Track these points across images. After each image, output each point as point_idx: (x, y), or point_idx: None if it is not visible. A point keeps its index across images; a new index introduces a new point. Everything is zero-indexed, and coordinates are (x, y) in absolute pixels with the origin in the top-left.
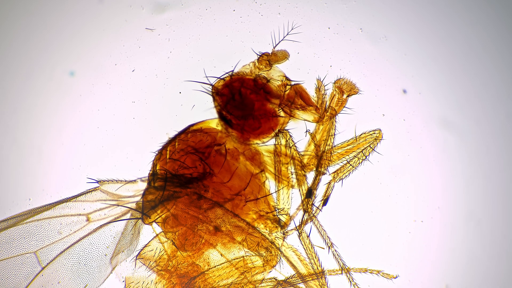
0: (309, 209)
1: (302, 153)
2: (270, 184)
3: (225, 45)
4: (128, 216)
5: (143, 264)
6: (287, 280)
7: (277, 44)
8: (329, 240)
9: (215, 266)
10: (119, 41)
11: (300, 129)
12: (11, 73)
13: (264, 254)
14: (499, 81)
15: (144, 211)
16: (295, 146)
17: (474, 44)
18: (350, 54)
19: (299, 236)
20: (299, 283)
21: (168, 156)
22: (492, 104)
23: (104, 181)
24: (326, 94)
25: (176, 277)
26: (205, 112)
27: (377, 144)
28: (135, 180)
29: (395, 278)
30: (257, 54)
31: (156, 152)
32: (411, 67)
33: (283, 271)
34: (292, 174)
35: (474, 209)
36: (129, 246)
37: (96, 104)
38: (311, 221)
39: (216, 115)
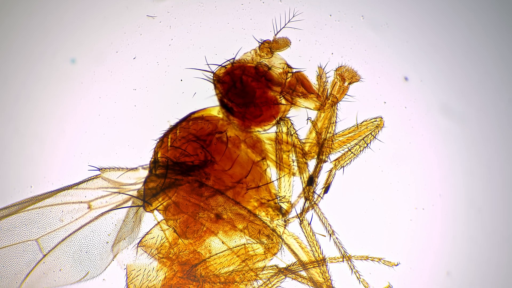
0: (310, 197)
1: (303, 141)
2: (272, 171)
3: (227, 33)
4: (129, 203)
5: (145, 252)
6: (289, 267)
7: (279, 31)
8: (330, 227)
9: (216, 254)
10: (120, 29)
11: (301, 116)
12: (12, 61)
13: (266, 241)
14: (501, 69)
15: (146, 198)
16: (297, 134)
17: (476, 31)
18: (351, 42)
19: (300, 224)
20: (301, 271)
21: (169, 144)
22: (493, 91)
23: (105, 168)
24: (327, 81)
25: (177, 265)
26: (206, 99)
27: (378, 131)
28: (136, 168)
29: (396, 265)
30: (259, 42)
31: (158, 140)
32: (412, 55)
33: (284, 258)
34: (293, 162)
35: (475, 196)
36: (131, 234)
37: (97, 92)
38: (312, 209)
39: (217, 103)
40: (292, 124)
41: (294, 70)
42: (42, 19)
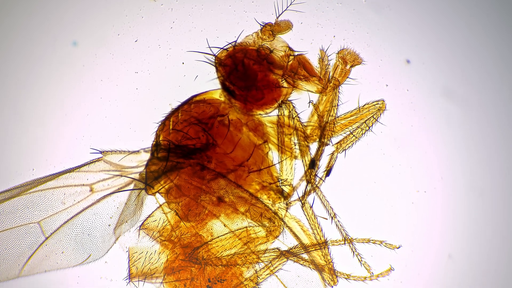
0: (312, 180)
1: (305, 124)
2: (273, 155)
3: (228, 15)
4: (131, 186)
5: (147, 235)
6: (290, 250)
7: (281, 14)
8: (332, 210)
9: (218, 237)
10: (122, 11)
11: (303, 99)
12: (13, 43)
13: (267, 224)
14: (503, 51)
15: (148, 181)
16: (298, 117)
17: (478, 13)
18: (353, 24)
19: (302, 207)
20: (302, 254)
21: (171, 127)
22: (496, 74)
23: (107, 151)
24: (329, 64)
25: (179, 248)
26: (208, 83)
27: (380, 114)
28: (138, 151)
29: (398, 248)
30: (260, 25)
31: (159, 123)
32: (414, 37)
33: (286, 241)
34: (295, 145)
35: (477, 179)
36: (133, 217)
37: (99, 75)
38: (314, 192)
39: (219, 86)
40: (294, 107)
41: (296, 53)
42: (44, 2)
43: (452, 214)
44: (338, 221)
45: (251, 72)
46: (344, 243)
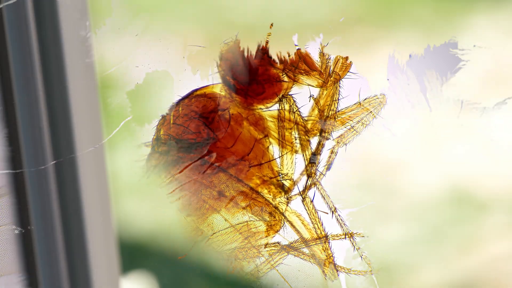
0: (313, 174)
1: (305, 118)
2: (274, 149)
3: None
4: None
5: None
6: (291, 244)
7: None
8: (333, 205)
9: (219, 231)
10: None
11: (303, 94)
12: None
13: (268, 219)
14: None
15: None
16: (299, 111)
17: None
18: None
19: (302, 201)
20: (303, 248)
21: (171, 121)
22: None
23: None
24: (330, 58)
25: None
26: (208, 77)
27: (381, 109)
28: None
29: None
30: None
31: (160, 117)
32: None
33: (286, 236)
34: (295, 139)
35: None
36: None
37: None
38: (314, 186)
39: (219, 80)
40: (294, 101)
41: (296, 47)
42: None
43: None
44: (339, 215)
45: (251, 66)
46: (345, 238)
